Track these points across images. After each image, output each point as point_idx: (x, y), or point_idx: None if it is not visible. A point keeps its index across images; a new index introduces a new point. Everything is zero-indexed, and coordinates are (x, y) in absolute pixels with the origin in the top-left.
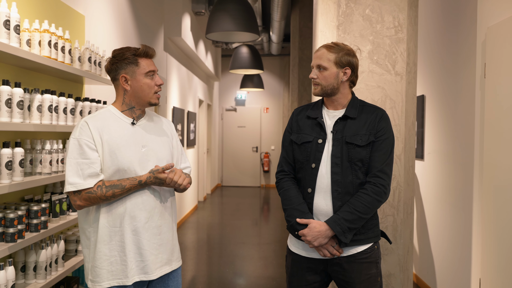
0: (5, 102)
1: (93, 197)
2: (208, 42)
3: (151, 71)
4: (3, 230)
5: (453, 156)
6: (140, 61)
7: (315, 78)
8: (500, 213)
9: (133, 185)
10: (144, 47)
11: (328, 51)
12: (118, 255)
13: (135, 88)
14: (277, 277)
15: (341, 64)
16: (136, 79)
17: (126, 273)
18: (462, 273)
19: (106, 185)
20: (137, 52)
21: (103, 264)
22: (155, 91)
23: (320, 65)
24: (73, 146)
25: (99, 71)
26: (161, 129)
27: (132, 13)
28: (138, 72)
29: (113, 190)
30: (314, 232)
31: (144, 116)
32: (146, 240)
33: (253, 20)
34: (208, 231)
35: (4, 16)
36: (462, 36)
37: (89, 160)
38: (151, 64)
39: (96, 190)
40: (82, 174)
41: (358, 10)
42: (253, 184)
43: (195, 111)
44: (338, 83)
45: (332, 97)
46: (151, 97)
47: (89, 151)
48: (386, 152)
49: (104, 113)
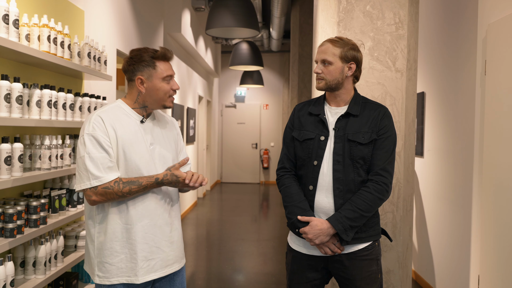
0: (4, 97)
1: (110, 192)
2: (208, 38)
3: (169, 75)
4: (2, 226)
5: (452, 153)
6: (158, 64)
7: (319, 73)
8: (499, 210)
9: (149, 182)
10: (163, 49)
11: (333, 45)
12: (128, 253)
13: (150, 91)
14: (276, 273)
15: (346, 59)
16: (153, 83)
17: (136, 271)
18: (461, 270)
19: (123, 181)
20: (155, 55)
21: (113, 260)
22: (169, 95)
23: (325, 60)
24: (89, 142)
25: (99, 67)
26: (167, 127)
27: (131, 8)
28: (155, 76)
29: (130, 187)
30: (315, 230)
31: (151, 115)
32: (159, 238)
33: (253, 16)
34: (207, 228)
35: (3, 11)
36: (462, 33)
37: (107, 154)
38: (169, 68)
39: (113, 185)
40: (102, 168)
41: (359, 6)
42: (252, 181)
43: (194, 108)
44: (343, 78)
45: (335, 92)
46: (165, 101)
47: (105, 145)
48: (388, 150)
49: (114, 108)
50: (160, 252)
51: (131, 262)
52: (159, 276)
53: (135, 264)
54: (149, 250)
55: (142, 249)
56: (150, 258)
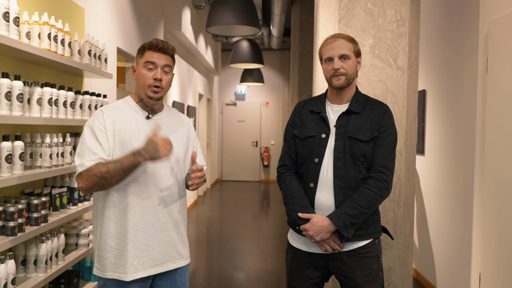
0: (4, 95)
1: (90, 175)
2: (208, 36)
3: (148, 62)
4: (3, 224)
5: (454, 151)
6: (145, 53)
7: (339, 69)
8: (500, 208)
9: (127, 155)
10: (155, 40)
11: (346, 40)
12: (121, 249)
13: (138, 80)
14: (277, 271)
15: (356, 54)
16: (138, 70)
17: (126, 268)
18: (462, 267)
19: (102, 163)
20: (147, 44)
21: (107, 255)
22: (149, 84)
23: (344, 55)
24: (86, 133)
25: (99, 64)
26: (177, 126)
27: (132, 6)
28: (140, 63)
29: (107, 165)
30: (316, 227)
31: (163, 111)
32: (150, 236)
33: (254, 13)
34: (208, 226)
35: (4, 8)
36: (464, 30)
37: (100, 146)
38: (155, 56)
39: (92, 167)
40: (92, 156)
41: (360, 4)
42: (252, 179)
43: (195, 106)
44: (356, 73)
45: (345, 88)
46: (146, 89)
47: (100, 137)
48: (389, 148)
49: (120, 103)
50: (150, 251)
51: (122, 258)
52: (148, 275)
53: (125, 261)
54: (139, 247)
55: (133, 246)
56: (140, 255)
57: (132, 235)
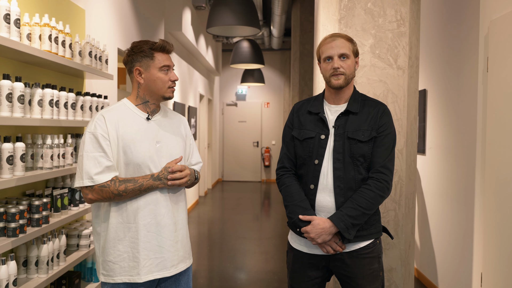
0: (5, 97)
1: (106, 191)
2: (208, 37)
3: (166, 65)
4: (4, 225)
5: (455, 151)
6: (155, 55)
7: (338, 68)
8: (502, 207)
9: (145, 179)
10: (162, 41)
11: (345, 40)
12: (130, 252)
13: (148, 82)
14: (278, 272)
15: (355, 54)
16: (150, 73)
17: (138, 270)
18: (464, 267)
19: (119, 180)
20: (154, 46)
21: (116, 259)
22: (169, 86)
23: (344, 54)
24: (88, 140)
25: (100, 66)
26: (176, 126)
27: (132, 7)
28: (153, 66)
29: (125, 185)
30: (317, 229)
31: (159, 111)
32: (163, 237)
33: (254, 14)
34: (209, 226)
35: (4, 10)
36: (464, 29)
37: (105, 154)
38: (167, 59)
39: (109, 183)
40: (99, 167)
41: (360, 4)
42: (254, 179)
43: (195, 106)
44: (354, 73)
45: (343, 88)
46: (165, 91)
47: (104, 145)
48: (388, 148)
49: (119, 106)
50: (164, 252)
51: (133, 261)
52: (163, 276)
53: (137, 263)
54: (152, 249)
55: (145, 247)
56: (152, 257)
57: (144, 236)
